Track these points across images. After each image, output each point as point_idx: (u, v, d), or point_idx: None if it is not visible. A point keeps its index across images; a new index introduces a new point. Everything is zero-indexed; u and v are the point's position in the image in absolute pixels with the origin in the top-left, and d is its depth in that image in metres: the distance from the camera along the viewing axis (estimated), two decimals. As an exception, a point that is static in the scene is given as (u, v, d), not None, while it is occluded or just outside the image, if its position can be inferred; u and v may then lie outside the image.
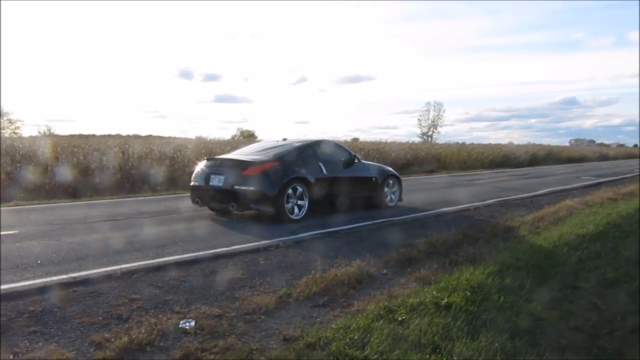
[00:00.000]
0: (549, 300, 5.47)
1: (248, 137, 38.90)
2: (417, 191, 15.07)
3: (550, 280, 6.00)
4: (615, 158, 54.32)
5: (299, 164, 9.22)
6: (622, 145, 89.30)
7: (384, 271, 5.93)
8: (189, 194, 9.97)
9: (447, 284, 5.17)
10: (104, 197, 13.44)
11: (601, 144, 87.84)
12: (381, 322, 4.17)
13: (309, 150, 9.70)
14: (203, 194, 9.35)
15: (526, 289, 5.40)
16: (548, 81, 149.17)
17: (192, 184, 9.65)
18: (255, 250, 6.78)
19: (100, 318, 4.25)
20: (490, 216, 9.81)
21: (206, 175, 9.23)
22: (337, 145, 10.75)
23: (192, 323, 4.16)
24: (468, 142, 45.68)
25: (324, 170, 9.55)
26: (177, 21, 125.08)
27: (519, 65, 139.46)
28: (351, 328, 3.99)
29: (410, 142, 36.97)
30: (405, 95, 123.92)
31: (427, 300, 4.68)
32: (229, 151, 12.64)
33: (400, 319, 4.28)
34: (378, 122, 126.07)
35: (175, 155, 17.73)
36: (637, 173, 24.94)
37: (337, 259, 6.32)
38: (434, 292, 4.87)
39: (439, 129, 64.78)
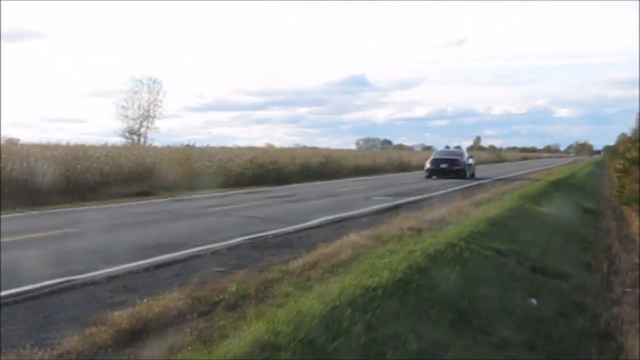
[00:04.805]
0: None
1: None
2: (117, 228, 10.57)
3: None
4: (420, 167, 33.00)
5: (464, 157, 29.02)
6: (429, 148, 62.36)
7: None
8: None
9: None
10: None
11: (400, 146, 69.09)
12: None
13: (462, 151, 32.45)
14: (434, 172, 26.76)
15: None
16: (326, 51, 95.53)
17: (428, 167, 27.39)
18: None
19: None
20: (237, 265, 6.97)
21: (437, 163, 27.41)
22: (464, 150, 35.19)
23: None
24: (204, 143, 32.49)
25: (467, 160, 28.62)
26: None
27: (275, 22, 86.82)
28: None
29: (109, 144, 24.43)
30: (96, 63, 73.36)
31: None
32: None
33: None
34: (58, 110, 79.67)
35: None
36: (451, 189, 19.88)
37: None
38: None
39: (155, 122, 43.05)
